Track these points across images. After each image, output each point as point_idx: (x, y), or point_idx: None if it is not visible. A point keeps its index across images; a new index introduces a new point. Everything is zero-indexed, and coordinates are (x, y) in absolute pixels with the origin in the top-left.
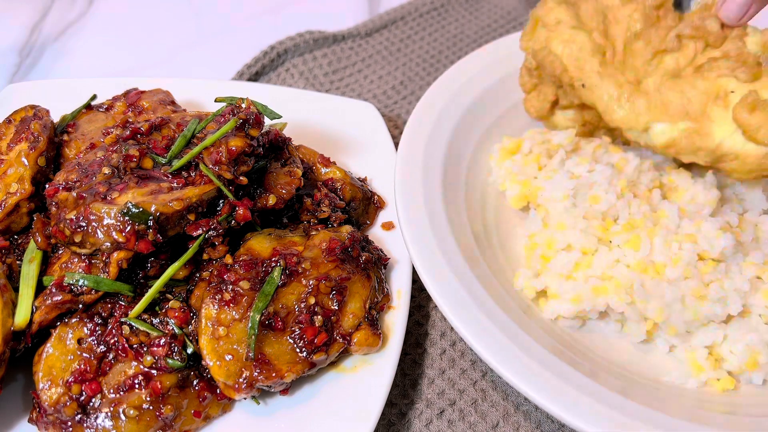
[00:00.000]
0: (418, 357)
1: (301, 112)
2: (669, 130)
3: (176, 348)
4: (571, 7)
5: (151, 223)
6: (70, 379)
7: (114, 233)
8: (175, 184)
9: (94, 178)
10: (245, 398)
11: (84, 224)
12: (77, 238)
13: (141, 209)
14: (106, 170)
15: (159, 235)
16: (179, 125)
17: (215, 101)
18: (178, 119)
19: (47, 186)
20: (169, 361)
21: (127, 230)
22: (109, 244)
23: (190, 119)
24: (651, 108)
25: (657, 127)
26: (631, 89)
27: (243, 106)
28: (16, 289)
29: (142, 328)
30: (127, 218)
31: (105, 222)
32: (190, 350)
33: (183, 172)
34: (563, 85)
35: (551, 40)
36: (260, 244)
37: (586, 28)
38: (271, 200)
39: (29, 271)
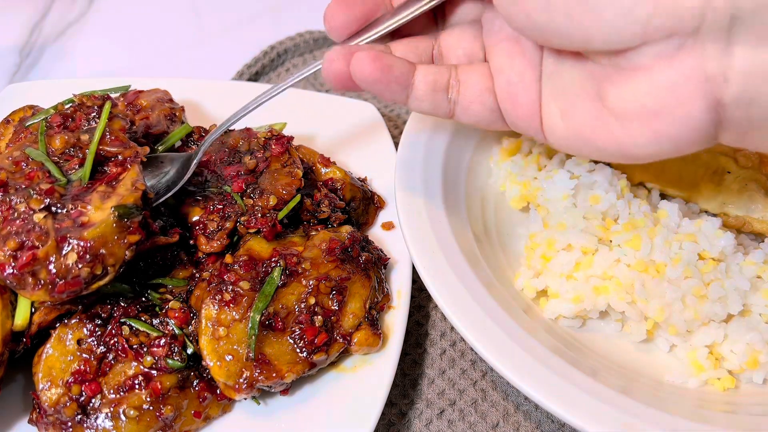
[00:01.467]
0: (418, 357)
1: (301, 112)
2: (659, 189)
3: (176, 348)
4: None
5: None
6: (69, 380)
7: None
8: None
9: (37, 228)
10: (245, 398)
11: (90, 255)
12: (98, 270)
13: (125, 205)
14: (40, 215)
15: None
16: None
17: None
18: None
19: (10, 269)
20: (169, 361)
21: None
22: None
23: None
24: (647, 167)
25: (648, 184)
26: None
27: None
28: None
29: (142, 328)
30: (126, 219)
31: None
32: (190, 351)
33: (99, 171)
34: None
35: None
36: (260, 244)
37: None
38: (272, 201)
39: None
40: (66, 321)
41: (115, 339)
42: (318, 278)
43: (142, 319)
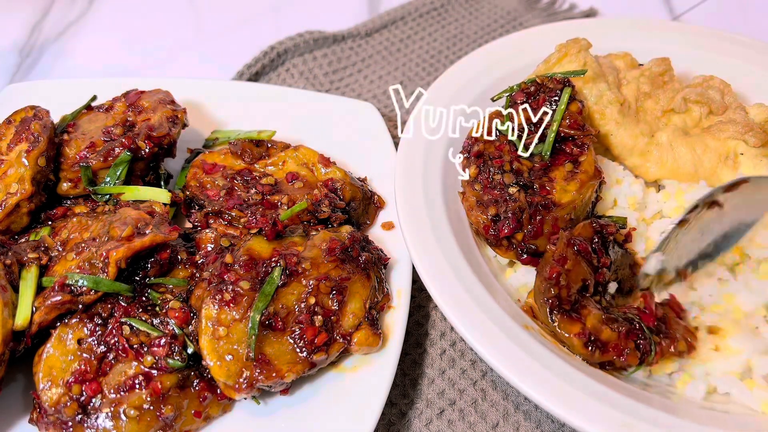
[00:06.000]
0: (418, 357)
1: (301, 112)
2: (677, 192)
3: (176, 348)
4: (593, 58)
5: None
6: (70, 380)
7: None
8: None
9: (512, 199)
10: (245, 398)
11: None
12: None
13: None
14: (514, 189)
15: None
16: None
17: None
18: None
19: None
20: (170, 361)
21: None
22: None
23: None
24: (663, 164)
25: (664, 181)
26: (645, 142)
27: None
28: (16, 290)
29: (142, 328)
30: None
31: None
32: (190, 350)
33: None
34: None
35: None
36: (260, 244)
37: (605, 78)
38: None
39: (29, 272)
40: (66, 321)
41: (116, 339)
42: (318, 278)
43: (143, 318)
